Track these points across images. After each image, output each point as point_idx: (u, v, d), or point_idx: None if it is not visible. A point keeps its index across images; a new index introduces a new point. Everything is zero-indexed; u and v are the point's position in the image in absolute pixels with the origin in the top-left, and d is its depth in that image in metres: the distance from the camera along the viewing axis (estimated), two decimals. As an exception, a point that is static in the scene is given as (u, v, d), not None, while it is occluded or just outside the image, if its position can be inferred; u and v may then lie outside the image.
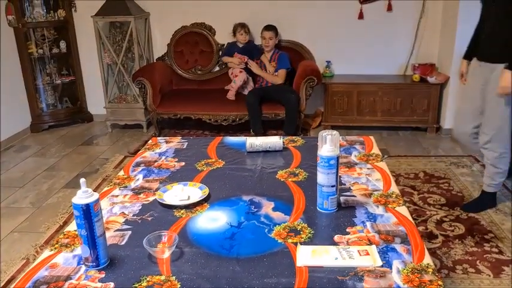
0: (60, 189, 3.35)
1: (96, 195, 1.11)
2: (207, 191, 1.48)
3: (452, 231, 2.64)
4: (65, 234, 1.28)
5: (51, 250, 1.21)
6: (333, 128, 4.38)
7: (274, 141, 1.83)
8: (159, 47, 4.68)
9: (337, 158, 1.32)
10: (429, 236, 2.59)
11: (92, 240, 1.10)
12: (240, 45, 4.27)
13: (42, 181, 3.50)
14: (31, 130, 4.61)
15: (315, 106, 4.54)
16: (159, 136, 4.30)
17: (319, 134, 1.33)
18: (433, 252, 2.40)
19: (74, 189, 3.33)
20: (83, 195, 1.09)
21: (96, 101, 4.80)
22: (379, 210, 1.34)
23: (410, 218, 1.30)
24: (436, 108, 4.19)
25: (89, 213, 1.09)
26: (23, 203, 3.17)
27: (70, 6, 4.56)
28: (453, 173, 3.41)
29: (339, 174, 1.59)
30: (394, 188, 1.48)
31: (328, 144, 1.31)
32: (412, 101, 4.19)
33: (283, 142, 1.85)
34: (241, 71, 4.19)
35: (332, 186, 1.33)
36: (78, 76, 4.76)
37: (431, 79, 4.12)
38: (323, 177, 1.32)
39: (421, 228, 2.67)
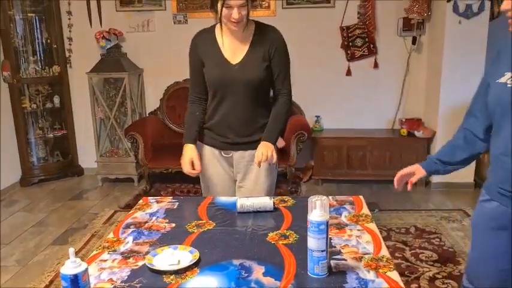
0: (47, 246, 3.29)
1: (84, 265, 1.10)
2: (197, 255, 1.47)
3: (446, 289, 2.62)
4: (51, 303, 1.25)
5: (37, 320, 1.18)
6: (323, 181, 4.41)
7: (264, 201, 1.85)
8: (152, 101, 4.76)
9: (327, 222, 1.33)
10: (422, 295, 2.56)
11: (79, 312, 1.09)
12: None
13: (29, 237, 3.44)
14: (21, 184, 4.58)
15: (306, 160, 4.59)
16: (150, 190, 4.30)
17: (308, 200, 1.35)
18: (426, 312, 2.37)
19: (61, 245, 3.28)
20: (72, 266, 1.08)
21: (87, 155, 4.81)
22: (370, 276, 1.34)
23: (401, 284, 1.30)
24: (425, 162, 4.25)
25: (76, 284, 1.08)
26: (8, 261, 3.10)
27: (65, 62, 4.67)
28: (444, 227, 3.42)
29: (330, 236, 1.60)
30: (385, 251, 1.49)
31: (318, 209, 1.32)
32: (401, 155, 4.26)
33: (273, 202, 1.86)
34: None
35: (322, 251, 1.33)
36: (70, 130, 4.80)
37: (418, 133, 4.21)
38: (313, 242, 1.33)
39: (414, 286, 2.64)
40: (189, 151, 2.12)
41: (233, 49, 2.04)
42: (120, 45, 4.51)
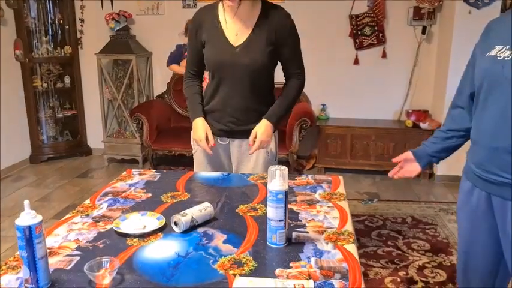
0: (48, 220, 3.38)
1: (39, 218, 1.14)
2: (163, 221, 1.50)
3: (434, 277, 2.60)
4: (15, 257, 1.31)
5: (-3, 272, 1.24)
6: (326, 170, 4.39)
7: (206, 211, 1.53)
8: (160, 85, 4.81)
9: (285, 192, 1.34)
10: (409, 282, 2.55)
11: (32, 262, 1.13)
12: None
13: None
14: (30, 161, 4.71)
15: (310, 148, 4.58)
16: (153, 171, 4.37)
17: (268, 169, 1.36)
18: (409, 298, 2.36)
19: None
20: (26, 217, 1.13)
21: (95, 135, 4.91)
22: (327, 247, 1.35)
23: (356, 256, 1.30)
24: (429, 154, 4.20)
25: (30, 235, 1.12)
26: (9, 231, 3.21)
27: (76, 43, 4.76)
28: (441, 219, 3.38)
29: (298, 211, 1.61)
30: (349, 227, 1.49)
31: (277, 179, 1.34)
32: (405, 146, 4.20)
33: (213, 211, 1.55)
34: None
35: (280, 220, 1.34)
36: (79, 110, 4.90)
37: (424, 125, 4.16)
38: (272, 212, 1.34)
39: (401, 273, 2.63)
40: (202, 124, 2.02)
41: (236, 30, 1.93)
42: (129, 28, 4.57)
